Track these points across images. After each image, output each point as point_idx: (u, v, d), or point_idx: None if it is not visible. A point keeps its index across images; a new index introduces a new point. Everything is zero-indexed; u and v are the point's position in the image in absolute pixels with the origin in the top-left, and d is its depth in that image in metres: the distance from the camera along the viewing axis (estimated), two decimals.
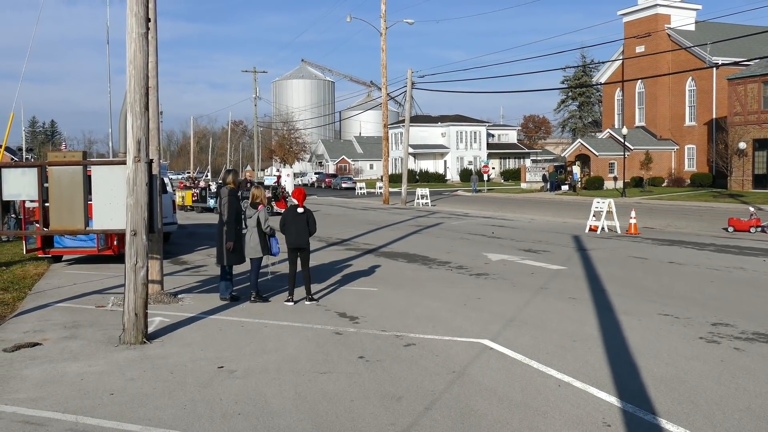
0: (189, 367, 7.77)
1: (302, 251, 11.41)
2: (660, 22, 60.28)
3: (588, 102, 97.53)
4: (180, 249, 19.57)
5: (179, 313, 10.61)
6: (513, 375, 7.38)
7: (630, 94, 64.86)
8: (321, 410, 6.35)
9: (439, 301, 11.53)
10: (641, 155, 59.21)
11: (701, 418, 6.10)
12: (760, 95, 47.98)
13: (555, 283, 13.36)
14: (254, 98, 73.60)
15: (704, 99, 58.43)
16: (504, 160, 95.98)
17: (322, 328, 9.61)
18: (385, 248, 19.58)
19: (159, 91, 12.16)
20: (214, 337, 9.14)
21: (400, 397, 6.70)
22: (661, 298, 11.68)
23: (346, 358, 8.08)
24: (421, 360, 7.98)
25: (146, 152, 9.01)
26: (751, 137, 48.53)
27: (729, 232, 23.13)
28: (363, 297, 11.99)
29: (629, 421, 6.05)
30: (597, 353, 8.23)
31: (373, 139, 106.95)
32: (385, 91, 41.48)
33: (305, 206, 11.38)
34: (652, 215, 31.92)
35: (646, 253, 17.78)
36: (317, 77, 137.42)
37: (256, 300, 11.46)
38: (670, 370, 7.50)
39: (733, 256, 17.04)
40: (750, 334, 9.08)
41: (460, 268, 15.35)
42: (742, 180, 49.20)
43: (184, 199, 38.38)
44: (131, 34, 8.94)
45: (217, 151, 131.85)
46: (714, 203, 41.46)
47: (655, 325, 9.71)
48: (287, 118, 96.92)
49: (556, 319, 10.08)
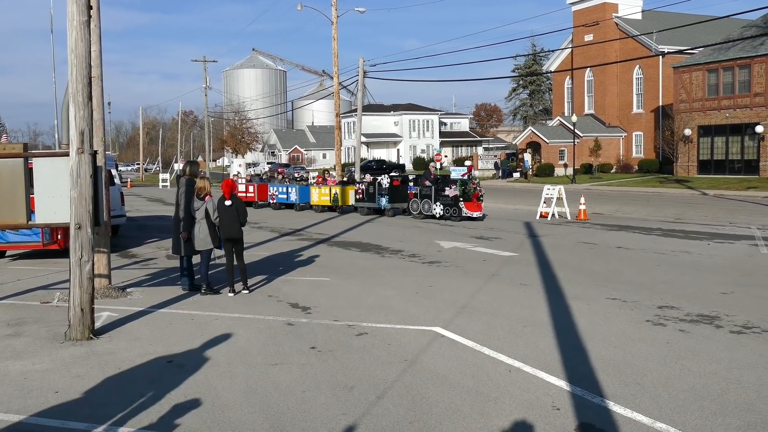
0: (137, 362, 7.63)
1: (236, 242, 11.34)
2: (608, 11, 61.20)
3: (538, 90, 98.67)
4: (129, 242, 19.23)
5: (128, 307, 10.42)
6: (464, 362, 7.42)
7: (579, 82, 65.77)
8: (272, 402, 6.29)
9: (392, 290, 11.54)
10: (590, 142, 60.14)
11: (647, 399, 6.21)
12: (704, 83, 49.07)
13: (506, 269, 13.49)
14: (204, 88, 72.52)
15: (651, 87, 59.59)
16: (456, 148, 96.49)
17: (274, 320, 9.54)
18: (338, 238, 19.53)
19: (105, 81, 11.89)
20: (163, 331, 8.99)
21: (352, 386, 6.68)
22: (609, 283, 11.88)
23: (298, 349, 8.03)
24: (373, 349, 7.98)
25: (90, 143, 8.80)
26: (696, 124, 49.63)
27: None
28: (315, 287, 11.93)
29: (578, 404, 6.14)
30: (547, 338, 8.33)
31: (326, 129, 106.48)
32: (336, 80, 41.25)
33: (234, 196, 11.24)
34: (601, 201, 32.46)
35: (595, 239, 18.07)
36: (269, 66, 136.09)
37: (206, 292, 11.33)
38: (617, 353, 7.63)
39: (678, 240, 17.42)
40: (694, 316, 9.29)
41: (412, 257, 15.39)
42: (687, 166, 50.32)
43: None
44: (72, 22, 8.70)
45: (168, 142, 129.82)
46: (661, 189, 42.37)
47: (604, 309, 9.87)
48: (239, 107, 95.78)
49: (507, 306, 10.18)
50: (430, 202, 24.31)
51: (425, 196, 24.57)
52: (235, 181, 33.81)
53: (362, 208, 27.24)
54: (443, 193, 23.91)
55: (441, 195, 23.99)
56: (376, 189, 26.44)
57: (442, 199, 23.89)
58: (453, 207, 23.48)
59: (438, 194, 24.12)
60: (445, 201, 23.78)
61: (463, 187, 23.42)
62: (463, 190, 23.39)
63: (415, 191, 25.16)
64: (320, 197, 29.01)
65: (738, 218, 23.30)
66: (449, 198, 23.62)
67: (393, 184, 26.06)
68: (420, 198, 24.79)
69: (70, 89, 8.77)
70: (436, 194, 24.15)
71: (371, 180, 27.25)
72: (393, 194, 26.00)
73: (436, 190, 24.17)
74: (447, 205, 23.70)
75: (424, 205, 24.57)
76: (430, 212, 24.31)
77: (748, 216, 24.16)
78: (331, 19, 39.67)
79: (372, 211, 27.06)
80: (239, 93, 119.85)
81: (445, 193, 23.77)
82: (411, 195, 25.30)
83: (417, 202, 24.91)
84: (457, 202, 23.37)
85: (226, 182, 11.51)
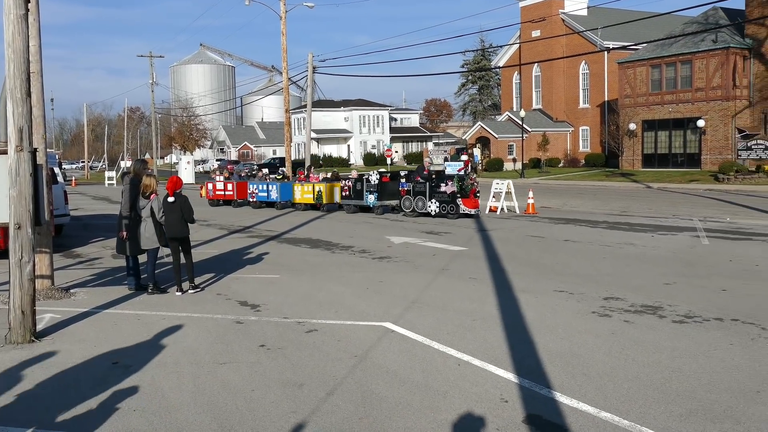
0: (81, 364, 7.46)
1: (182, 241, 11.17)
2: (554, 7, 62.02)
3: (487, 86, 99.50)
4: (74, 242, 18.80)
5: (71, 308, 10.18)
6: (414, 357, 7.45)
7: (527, 77, 66.56)
8: (221, 402, 6.22)
9: (342, 286, 11.52)
10: (539, 137, 60.94)
11: (593, 389, 6.32)
12: (648, 78, 50.15)
13: (456, 264, 13.58)
14: (151, 84, 71.32)
15: (597, 82, 60.65)
16: (407, 143, 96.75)
17: (223, 318, 9.43)
18: (288, 234, 19.42)
19: (47, 76, 11.63)
20: (108, 332, 8.81)
21: (301, 384, 6.65)
22: (557, 275, 12.06)
23: (247, 348, 7.96)
24: (323, 346, 7.95)
25: (30, 141, 8.56)
26: (640, 119, 50.70)
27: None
28: (265, 284, 11.84)
29: (526, 396, 6.21)
30: (496, 331, 8.42)
31: (276, 125, 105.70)
32: (286, 76, 40.97)
33: (177, 194, 11.06)
34: (549, 195, 32.94)
35: (543, 232, 18.32)
36: (217, 62, 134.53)
37: (153, 292, 11.14)
38: (564, 345, 7.75)
39: (624, 233, 17.78)
40: (639, 307, 9.49)
41: (363, 252, 15.38)
42: (632, 159, 51.39)
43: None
44: (9, 16, 8.45)
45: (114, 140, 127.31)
46: (607, 182, 43.21)
47: (552, 301, 10.01)
48: (187, 104, 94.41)
49: (457, 300, 10.25)
50: (424, 199, 23.02)
51: (419, 192, 23.25)
52: (212, 179, 32.54)
53: (349, 206, 25.79)
54: (439, 189, 22.61)
55: (437, 192, 22.68)
56: (364, 186, 25.01)
57: (437, 195, 22.63)
58: (450, 204, 22.27)
59: (433, 191, 22.81)
60: (441, 198, 22.52)
61: (461, 183, 22.28)
62: (461, 186, 22.27)
63: (407, 188, 23.72)
64: (303, 195, 27.43)
65: (680, 210, 23.89)
66: (446, 195, 22.39)
67: (382, 180, 24.71)
68: (413, 195, 23.42)
69: (7, 85, 8.51)
70: (431, 191, 22.89)
71: (358, 176, 25.86)
72: (382, 191, 24.65)
73: (431, 186, 22.92)
74: (443, 202, 22.46)
75: (417, 202, 23.24)
76: (424, 210, 23.02)
77: (690, 208, 24.80)
78: (280, 14, 39.37)
79: (359, 209, 25.61)
80: (187, 89, 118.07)
81: (442, 190, 22.50)
82: (403, 192, 23.85)
83: (410, 199, 23.51)
84: (454, 198, 22.17)
85: (170, 179, 11.33)
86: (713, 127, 46.31)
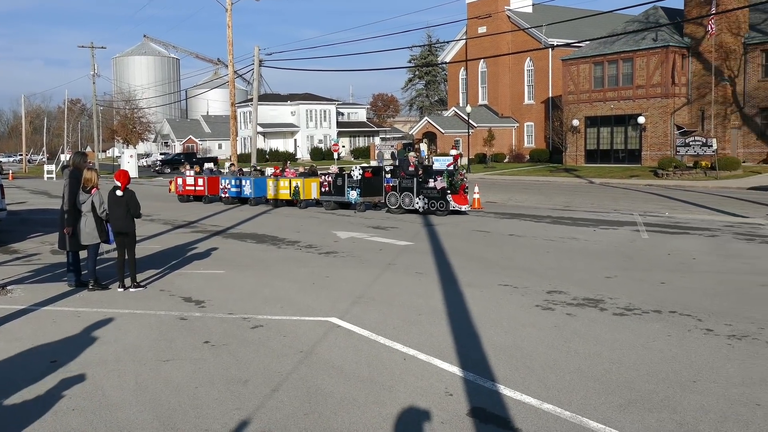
0: (18, 363, 7.26)
1: (126, 236, 10.95)
2: (500, 3, 62.66)
3: (434, 81, 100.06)
4: (11, 237, 18.24)
5: (8, 306, 9.89)
6: (360, 351, 7.45)
7: (473, 73, 67.13)
8: (163, 400, 6.13)
9: (288, 281, 11.45)
10: (485, 132, 61.58)
11: (536, 381, 6.42)
12: (591, 75, 51.09)
13: (402, 258, 13.63)
14: (93, 75, 69.56)
15: (541, 78, 61.51)
16: (354, 138, 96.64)
17: (166, 314, 9.28)
18: (234, 229, 19.22)
19: None
20: (47, 330, 8.59)
21: (246, 380, 6.59)
22: (502, 270, 12.20)
23: (191, 344, 7.85)
24: (268, 341, 7.89)
25: None
26: (583, 115, 51.63)
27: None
28: (209, 280, 11.70)
29: (470, 389, 6.27)
30: (441, 325, 8.47)
31: (222, 118, 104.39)
32: (231, 69, 40.46)
33: (127, 188, 10.86)
34: (495, 190, 33.31)
35: (488, 227, 18.52)
36: (161, 54, 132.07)
37: (94, 288, 10.90)
38: (508, 338, 7.85)
39: (567, 227, 18.09)
40: (581, 300, 9.67)
41: (309, 247, 15.32)
42: (575, 155, 52.32)
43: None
44: None
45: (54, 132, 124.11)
46: (551, 177, 43.90)
47: (496, 295, 10.13)
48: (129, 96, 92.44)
49: (403, 294, 10.29)
50: (411, 196, 22.28)
51: (405, 188, 22.49)
52: (182, 173, 31.57)
53: (328, 202, 24.58)
54: (427, 185, 21.84)
55: (425, 188, 21.91)
56: (345, 181, 23.90)
57: (426, 192, 21.87)
58: (440, 200, 21.55)
59: (421, 187, 22.03)
60: (430, 194, 21.78)
61: (450, 179, 21.52)
62: (450, 182, 21.51)
63: (392, 183, 22.97)
64: (278, 191, 26.28)
65: (621, 205, 24.43)
66: (435, 191, 21.63)
67: (365, 175, 23.69)
68: (399, 191, 22.66)
69: None
70: (418, 187, 22.14)
71: (339, 171, 24.93)
72: (365, 187, 23.62)
73: (418, 182, 22.17)
74: (432, 199, 21.72)
75: (404, 198, 22.50)
76: (411, 206, 22.29)
77: (631, 203, 25.38)
78: (226, 6, 38.86)
79: (339, 206, 24.43)
80: (130, 81, 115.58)
81: (431, 186, 21.76)
82: (388, 188, 23.15)
83: (395, 195, 22.76)
84: (444, 194, 21.40)
85: (120, 172, 11.08)
86: (653, 123, 47.45)
